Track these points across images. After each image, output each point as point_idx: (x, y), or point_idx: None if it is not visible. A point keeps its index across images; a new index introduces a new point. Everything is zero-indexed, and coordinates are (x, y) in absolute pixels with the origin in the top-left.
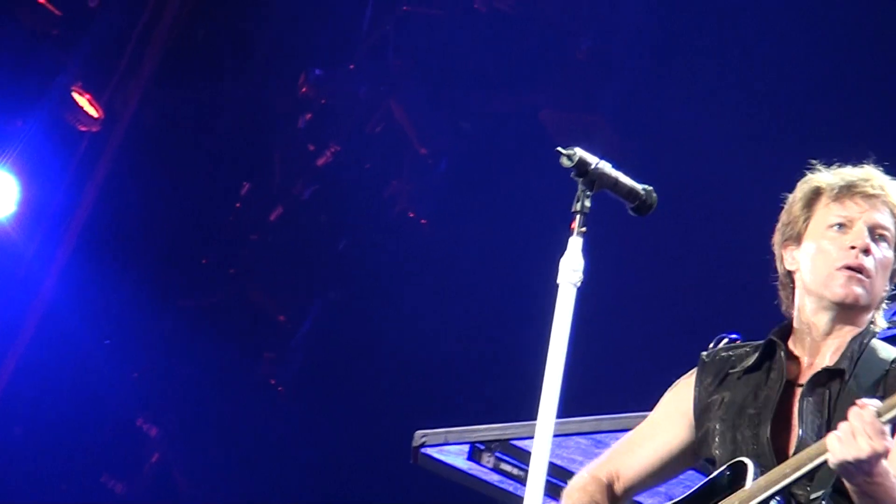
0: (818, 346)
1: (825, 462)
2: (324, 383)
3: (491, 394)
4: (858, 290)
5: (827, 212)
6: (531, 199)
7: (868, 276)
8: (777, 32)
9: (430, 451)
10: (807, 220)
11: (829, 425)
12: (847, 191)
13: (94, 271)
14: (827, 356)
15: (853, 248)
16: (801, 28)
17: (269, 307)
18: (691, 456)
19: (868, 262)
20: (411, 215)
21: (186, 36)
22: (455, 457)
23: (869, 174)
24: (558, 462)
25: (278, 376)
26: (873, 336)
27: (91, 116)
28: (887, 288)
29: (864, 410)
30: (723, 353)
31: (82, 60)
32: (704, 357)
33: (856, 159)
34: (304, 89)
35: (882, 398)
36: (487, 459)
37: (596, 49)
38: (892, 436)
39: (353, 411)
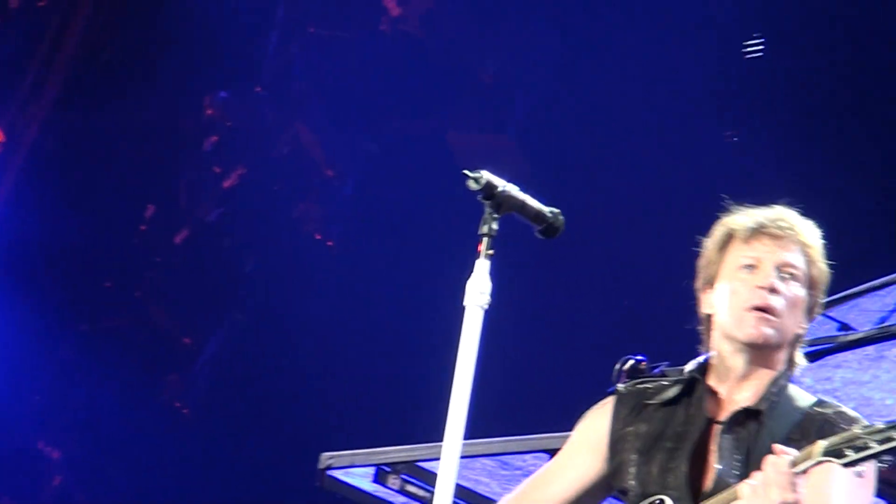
0: (737, 385)
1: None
2: (229, 406)
3: (397, 416)
4: (767, 330)
5: (737, 253)
6: (438, 222)
7: (777, 316)
8: (681, 55)
9: (336, 473)
10: (720, 262)
11: (748, 464)
12: (756, 232)
13: None
14: (746, 396)
15: (761, 288)
16: (704, 50)
17: (174, 330)
18: (605, 488)
19: (776, 302)
20: (318, 237)
21: (91, 58)
22: (361, 479)
23: (779, 214)
24: (465, 484)
25: (183, 399)
26: (790, 377)
27: None
28: (804, 325)
29: (780, 460)
30: (639, 386)
31: None
32: (621, 389)
33: (765, 187)
34: (209, 111)
35: (799, 443)
36: (393, 481)
37: (501, 71)
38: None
39: (259, 433)
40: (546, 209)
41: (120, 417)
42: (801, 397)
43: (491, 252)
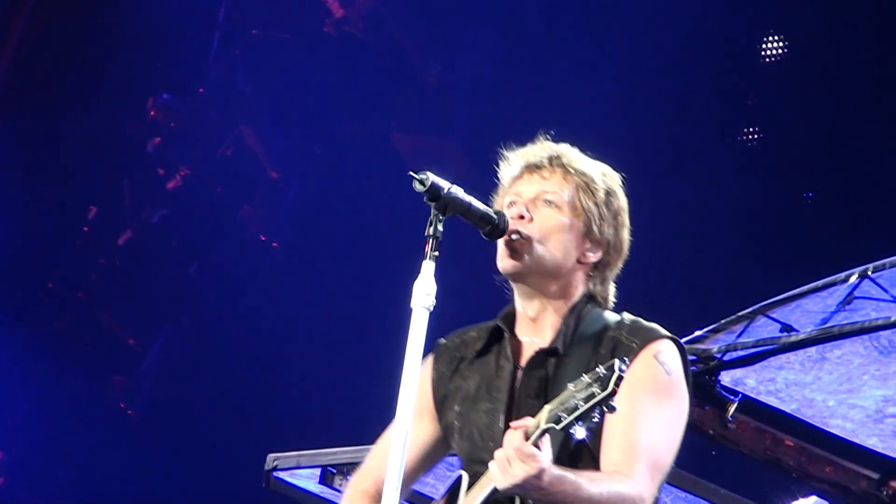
0: (533, 327)
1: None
2: (175, 407)
3: (343, 417)
4: (512, 259)
5: (505, 194)
6: (383, 223)
7: (524, 240)
8: (623, 52)
9: (281, 474)
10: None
11: (546, 403)
12: (521, 170)
13: None
14: (543, 336)
15: (512, 219)
16: (644, 49)
17: (118, 331)
18: (446, 447)
19: (523, 227)
20: (263, 239)
21: (33, 59)
22: (307, 480)
23: (538, 150)
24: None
25: (128, 400)
26: (590, 307)
27: None
28: (583, 252)
29: (513, 435)
30: (455, 339)
31: None
32: (440, 343)
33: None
34: (152, 113)
35: (597, 371)
36: (339, 483)
37: (446, 72)
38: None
39: (205, 435)
40: (492, 211)
41: (65, 418)
42: (603, 322)
43: (436, 253)
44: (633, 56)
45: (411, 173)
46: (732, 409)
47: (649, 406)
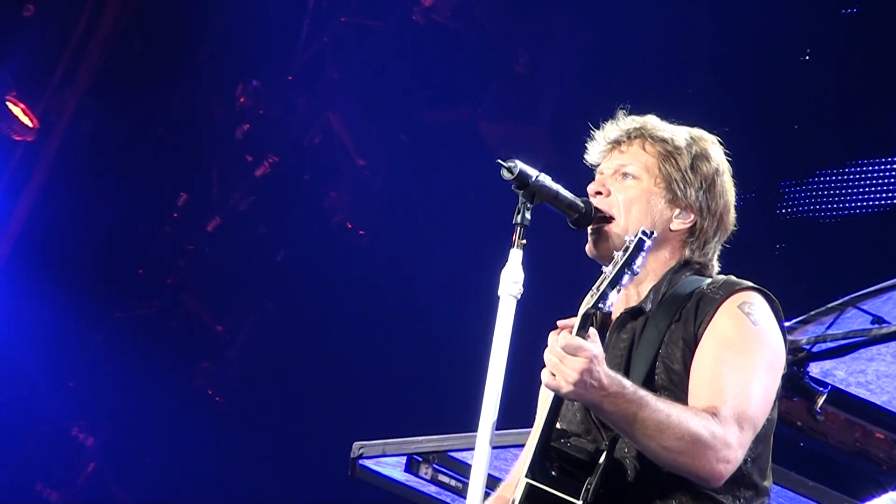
0: (630, 295)
1: (561, 402)
2: (262, 394)
3: (429, 405)
4: (595, 246)
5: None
6: (471, 211)
7: (608, 220)
8: (714, 38)
9: (367, 462)
10: None
11: (630, 359)
12: (598, 149)
13: (30, 282)
14: (636, 297)
15: (591, 196)
16: (735, 36)
17: (206, 317)
18: None
19: (602, 204)
20: (349, 226)
21: (123, 46)
22: (392, 468)
23: (619, 126)
24: (496, 474)
25: (216, 386)
26: (686, 272)
27: (26, 126)
28: (671, 220)
29: (557, 334)
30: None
31: (17, 70)
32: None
33: None
34: (241, 100)
35: (678, 323)
36: (425, 471)
37: (534, 61)
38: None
39: (291, 422)
40: (579, 199)
41: (153, 404)
42: (696, 285)
43: (524, 242)
44: (725, 41)
45: (499, 161)
46: (821, 400)
47: (735, 357)
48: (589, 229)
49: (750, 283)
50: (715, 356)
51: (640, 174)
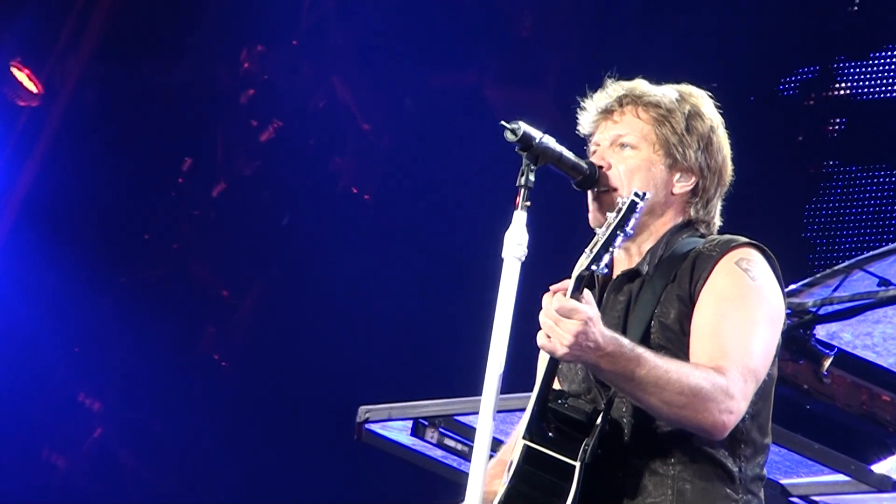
0: (629, 257)
1: (557, 363)
2: (267, 358)
3: (435, 370)
4: (596, 209)
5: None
6: (475, 174)
7: (612, 189)
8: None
9: (373, 426)
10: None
11: (627, 320)
12: (593, 119)
13: (35, 247)
14: (633, 260)
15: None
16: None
17: (211, 283)
18: None
19: (604, 178)
20: (354, 191)
21: (127, 11)
22: (398, 432)
23: (608, 94)
24: (502, 438)
25: (221, 351)
26: (686, 232)
27: (30, 92)
28: (671, 184)
29: (551, 296)
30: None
31: (21, 35)
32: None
33: None
34: (246, 65)
35: (674, 283)
36: (431, 435)
37: (539, 24)
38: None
39: (297, 387)
40: (583, 161)
41: (159, 369)
42: (695, 244)
43: (528, 204)
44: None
45: (503, 123)
46: (828, 363)
47: (734, 312)
48: (591, 201)
49: (746, 239)
50: (714, 312)
51: (638, 143)
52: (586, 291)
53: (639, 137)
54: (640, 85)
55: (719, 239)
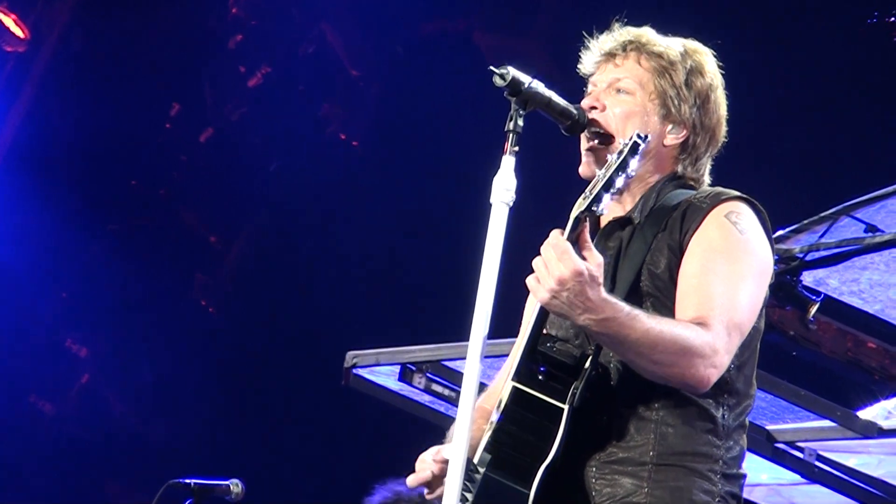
0: (620, 205)
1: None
2: (255, 304)
3: (422, 315)
4: (588, 160)
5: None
6: (463, 120)
7: (603, 130)
8: None
9: (361, 371)
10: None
11: (617, 267)
12: (591, 60)
13: (21, 193)
14: (624, 207)
15: (585, 109)
16: None
17: (199, 229)
18: None
19: (598, 117)
20: (343, 137)
21: None
22: (386, 377)
23: (614, 37)
24: (489, 383)
25: (209, 297)
26: (675, 184)
27: (17, 37)
28: (673, 143)
29: (549, 238)
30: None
31: None
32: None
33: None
34: (234, 10)
35: (664, 233)
36: (419, 380)
37: None
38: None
39: (285, 332)
40: (572, 106)
41: (146, 316)
42: (685, 196)
43: (516, 149)
44: None
45: (492, 68)
46: (814, 309)
47: (722, 265)
48: (584, 152)
49: (737, 193)
50: (702, 264)
51: (635, 89)
52: (595, 252)
53: (636, 84)
54: (647, 33)
55: (710, 191)
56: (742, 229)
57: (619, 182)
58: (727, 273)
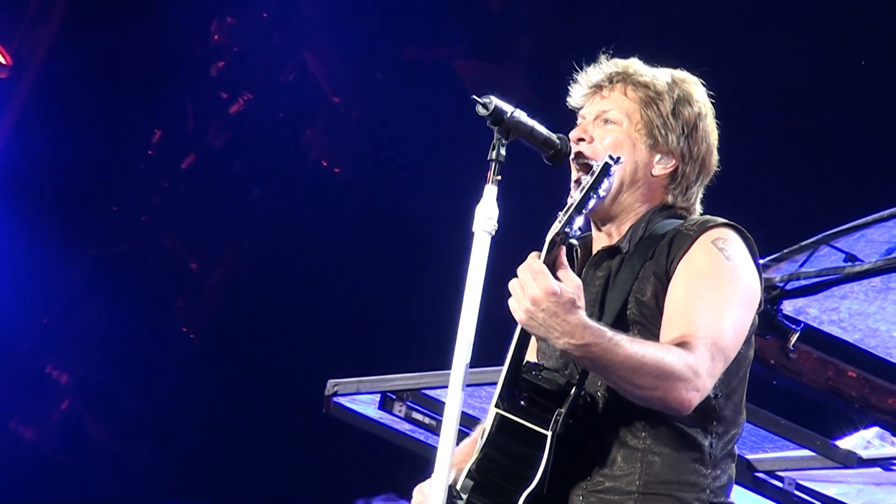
0: (609, 236)
1: (528, 333)
2: (236, 331)
3: (403, 344)
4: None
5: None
6: (445, 148)
7: (590, 158)
8: None
9: (341, 399)
10: None
11: (605, 296)
12: (579, 94)
13: (4, 219)
14: (612, 237)
15: (572, 141)
16: None
17: (181, 255)
18: None
19: (585, 148)
20: (324, 164)
21: None
22: (366, 406)
23: (597, 69)
24: (470, 412)
25: (190, 324)
26: (665, 214)
27: None
28: (661, 172)
29: (526, 261)
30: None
31: None
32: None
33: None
34: (216, 37)
35: (652, 261)
36: (399, 409)
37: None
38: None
39: (266, 359)
40: (554, 135)
41: (127, 341)
42: (669, 225)
43: (499, 178)
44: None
45: (474, 97)
46: (794, 338)
47: (708, 290)
48: (573, 179)
49: (725, 220)
50: (688, 290)
51: (621, 119)
52: (571, 273)
53: (623, 114)
54: (633, 64)
55: (698, 219)
56: (729, 255)
57: (592, 203)
58: (712, 298)
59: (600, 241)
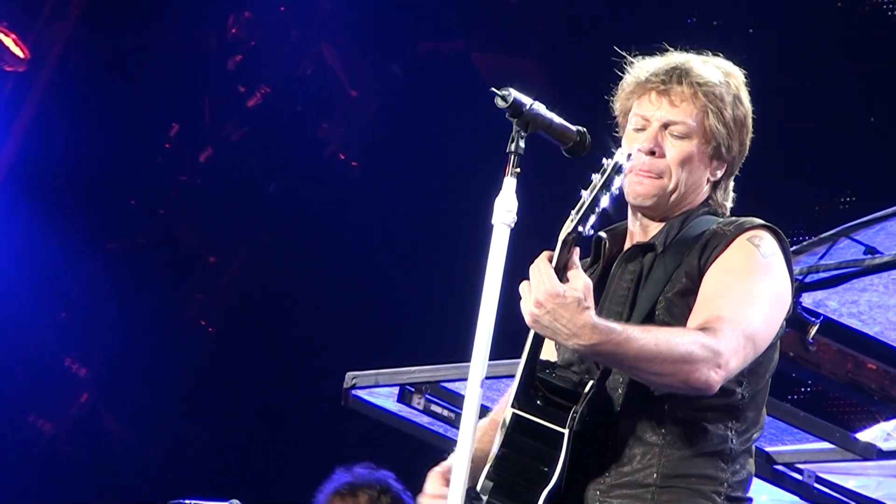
0: (643, 227)
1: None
2: (254, 324)
3: (422, 336)
4: (638, 188)
5: (633, 112)
6: (464, 141)
7: (658, 176)
8: None
9: (360, 392)
10: (624, 119)
11: (637, 294)
12: (643, 88)
13: (21, 213)
14: (648, 234)
15: (641, 151)
16: None
17: (198, 248)
18: None
19: (653, 166)
20: (342, 157)
21: None
22: (385, 399)
23: (663, 65)
24: (489, 405)
25: (208, 317)
26: (703, 214)
27: (17, 57)
28: (710, 175)
29: (535, 262)
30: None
31: (8, 0)
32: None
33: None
34: (234, 31)
35: (688, 261)
36: (418, 401)
37: None
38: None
39: (284, 353)
40: (573, 127)
41: (146, 335)
42: (706, 223)
43: (518, 170)
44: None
45: (493, 89)
46: (813, 331)
47: (739, 283)
48: (634, 176)
49: (763, 222)
50: (718, 282)
51: (692, 133)
52: (581, 274)
53: (692, 129)
54: (696, 65)
55: (735, 220)
56: (764, 252)
57: (604, 201)
58: (743, 290)
59: (635, 234)
